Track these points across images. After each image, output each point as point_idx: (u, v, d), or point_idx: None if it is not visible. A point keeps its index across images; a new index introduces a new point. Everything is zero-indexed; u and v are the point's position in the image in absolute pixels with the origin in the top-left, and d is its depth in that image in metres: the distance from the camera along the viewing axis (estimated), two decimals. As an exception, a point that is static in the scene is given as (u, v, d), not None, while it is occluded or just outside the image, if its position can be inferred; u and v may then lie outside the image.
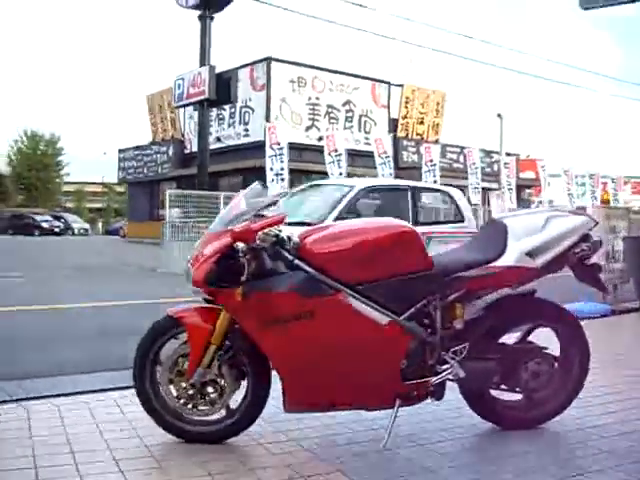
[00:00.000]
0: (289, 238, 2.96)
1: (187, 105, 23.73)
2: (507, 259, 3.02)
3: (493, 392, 3.29)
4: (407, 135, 33.72)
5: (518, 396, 3.33)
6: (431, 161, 26.57)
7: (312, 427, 3.37)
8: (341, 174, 23.41)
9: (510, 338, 3.36)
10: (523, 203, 35.03)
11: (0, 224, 43.48)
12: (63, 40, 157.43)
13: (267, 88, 29.04)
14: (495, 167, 33.70)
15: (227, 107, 30.48)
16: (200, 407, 3.12)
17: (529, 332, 3.37)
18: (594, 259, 3.31)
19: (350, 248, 2.96)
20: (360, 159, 27.84)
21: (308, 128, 30.17)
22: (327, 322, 2.90)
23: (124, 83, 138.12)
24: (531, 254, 3.03)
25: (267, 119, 27.77)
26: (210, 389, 3.10)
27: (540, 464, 2.87)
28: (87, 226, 50.55)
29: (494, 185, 30.85)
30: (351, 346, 2.93)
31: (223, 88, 20.54)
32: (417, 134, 34.05)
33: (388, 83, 33.12)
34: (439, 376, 3.01)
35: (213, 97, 20.44)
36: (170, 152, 35.07)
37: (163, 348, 3.18)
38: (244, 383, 3.13)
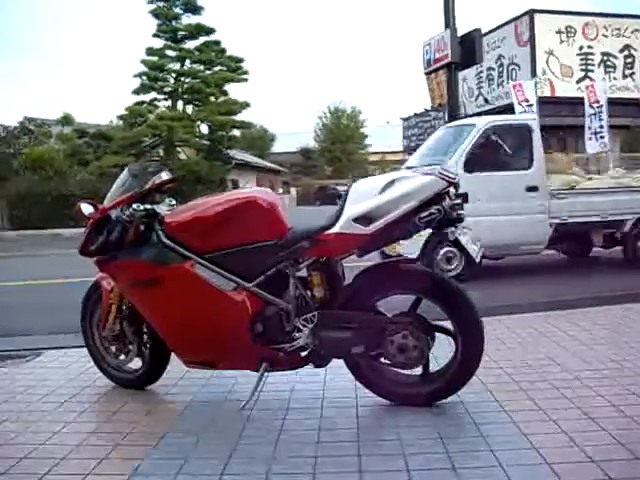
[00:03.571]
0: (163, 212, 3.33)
1: (435, 70, 23.97)
2: (336, 226, 2.94)
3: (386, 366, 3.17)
4: None
5: (416, 370, 3.17)
6: None
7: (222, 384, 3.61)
8: (602, 127, 21.99)
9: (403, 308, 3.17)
10: None
11: (308, 196, 48.24)
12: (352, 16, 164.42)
13: (531, 42, 27.99)
14: None
15: (495, 66, 30.10)
16: (119, 357, 3.62)
17: (416, 304, 3.14)
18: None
19: (198, 218, 3.16)
20: (645, 109, 25.47)
21: (580, 80, 28.42)
22: (175, 288, 3.13)
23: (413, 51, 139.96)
24: (361, 219, 2.88)
25: (533, 74, 26.87)
26: (121, 342, 3.57)
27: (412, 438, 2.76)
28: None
29: None
30: (199, 310, 3.13)
31: (468, 49, 20.50)
32: None
33: (680, 19, 29.53)
34: (292, 343, 3.05)
35: (456, 60, 20.52)
36: (446, 117, 35.34)
37: (98, 306, 3.64)
38: None
